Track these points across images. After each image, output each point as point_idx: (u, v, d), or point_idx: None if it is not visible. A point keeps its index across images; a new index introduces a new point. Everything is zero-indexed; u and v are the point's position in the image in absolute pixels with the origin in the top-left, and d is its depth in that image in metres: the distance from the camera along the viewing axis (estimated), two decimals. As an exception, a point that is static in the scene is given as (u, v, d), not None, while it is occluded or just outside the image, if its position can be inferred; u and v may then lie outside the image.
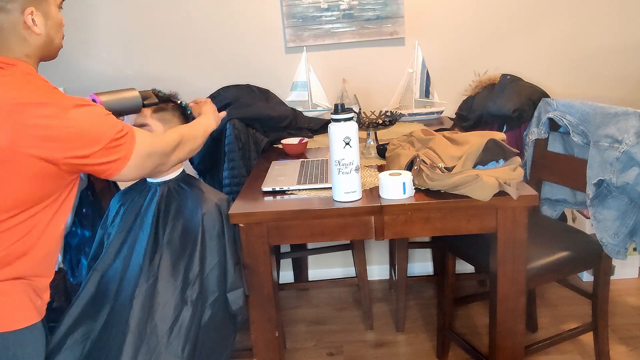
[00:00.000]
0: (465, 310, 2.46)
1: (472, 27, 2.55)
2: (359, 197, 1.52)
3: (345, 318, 2.52)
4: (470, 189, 1.44)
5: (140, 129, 1.30)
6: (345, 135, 1.45)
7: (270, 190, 1.65)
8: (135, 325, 1.35)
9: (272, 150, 2.21)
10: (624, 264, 2.58)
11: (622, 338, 2.19)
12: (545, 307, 2.42)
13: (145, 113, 1.51)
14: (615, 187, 1.72)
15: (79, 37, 2.57)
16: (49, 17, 1.19)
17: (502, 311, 1.58)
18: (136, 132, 1.22)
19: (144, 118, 1.51)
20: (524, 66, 2.52)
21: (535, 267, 1.75)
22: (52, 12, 1.20)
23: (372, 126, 1.96)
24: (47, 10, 1.19)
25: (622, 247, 1.79)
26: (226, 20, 2.55)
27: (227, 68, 2.59)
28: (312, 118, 2.41)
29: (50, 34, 1.20)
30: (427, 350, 2.22)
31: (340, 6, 2.51)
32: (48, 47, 1.22)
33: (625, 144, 1.67)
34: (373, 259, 2.81)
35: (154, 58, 2.59)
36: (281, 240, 1.58)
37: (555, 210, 2.18)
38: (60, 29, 1.24)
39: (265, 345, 1.62)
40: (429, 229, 1.53)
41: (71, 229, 2.06)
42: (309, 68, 2.44)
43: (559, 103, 1.98)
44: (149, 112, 1.52)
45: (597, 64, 2.58)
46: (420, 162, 1.56)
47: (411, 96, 2.49)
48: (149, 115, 1.52)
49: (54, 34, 1.22)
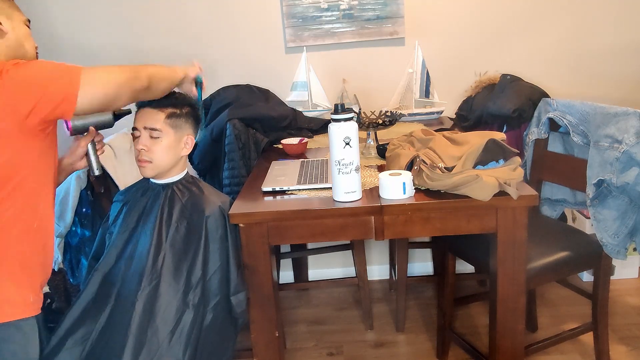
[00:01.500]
0: (465, 310, 2.46)
1: (472, 27, 2.55)
2: (359, 197, 1.52)
3: (345, 318, 2.52)
4: (471, 189, 1.44)
5: (89, 68, 1.26)
6: (345, 135, 1.45)
7: (270, 190, 1.65)
8: (136, 327, 1.35)
9: (272, 150, 2.21)
10: (624, 264, 2.58)
11: (622, 338, 2.19)
12: (545, 307, 2.42)
13: (158, 117, 1.48)
14: (615, 187, 1.72)
15: (79, 38, 2.57)
16: (12, 18, 1.26)
17: (502, 311, 1.58)
18: (82, 71, 1.21)
19: (156, 122, 1.48)
20: (524, 66, 2.52)
21: (535, 267, 1.75)
22: (15, 15, 1.27)
23: (372, 126, 1.96)
24: (10, 13, 1.26)
25: (622, 247, 1.79)
26: (226, 20, 2.55)
27: (227, 68, 2.59)
28: (312, 118, 2.41)
29: (19, 37, 1.26)
30: (427, 350, 2.22)
31: (340, 6, 2.51)
32: (19, 49, 1.27)
33: (625, 144, 1.67)
34: (373, 259, 2.81)
35: (154, 58, 2.59)
36: (281, 240, 1.58)
37: (555, 210, 2.18)
38: (29, 37, 1.31)
39: (265, 345, 1.62)
40: (429, 229, 1.53)
41: (71, 229, 2.06)
42: (309, 68, 2.44)
43: (559, 103, 1.98)
44: (162, 117, 1.49)
45: (597, 64, 2.58)
46: (420, 162, 1.56)
47: (411, 96, 2.49)
48: (161, 120, 1.48)
49: (23, 39, 1.28)
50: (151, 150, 1.49)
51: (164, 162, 1.51)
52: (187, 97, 1.57)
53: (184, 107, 1.54)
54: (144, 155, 1.50)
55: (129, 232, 1.52)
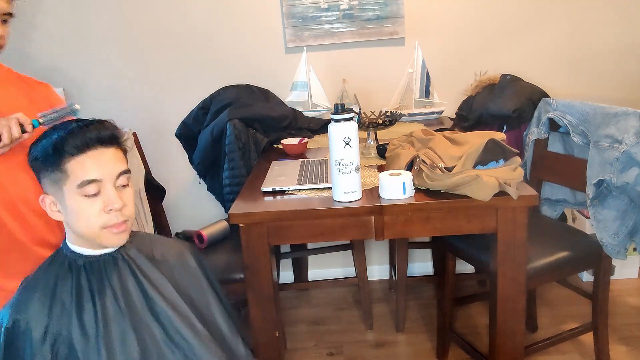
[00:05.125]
0: (465, 310, 2.46)
1: (472, 27, 2.55)
2: (359, 197, 1.52)
3: (345, 318, 2.52)
4: (471, 189, 1.44)
5: None
6: (345, 135, 1.45)
7: (270, 190, 1.65)
8: None
9: (272, 150, 2.21)
10: (624, 264, 2.58)
11: (622, 338, 2.19)
12: (545, 307, 2.42)
13: (121, 156, 1.16)
14: (615, 187, 1.72)
15: (79, 38, 2.57)
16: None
17: (502, 311, 1.58)
18: None
19: (123, 163, 1.16)
20: (524, 66, 2.52)
21: (535, 267, 1.75)
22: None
23: (372, 126, 1.96)
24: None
25: (622, 247, 1.79)
26: (226, 20, 2.55)
27: (227, 68, 2.59)
28: (312, 118, 2.41)
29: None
30: (427, 350, 2.22)
31: (340, 6, 2.51)
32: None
33: (625, 144, 1.67)
34: (373, 259, 2.81)
35: (153, 58, 2.59)
36: (281, 240, 1.58)
37: (555, 210, 2.18)
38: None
39: (265, 345, 1.62)
40: (429, 229, 1.53)
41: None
42: (309, 68, 2.44)
43: (559, 103, 1.98)
44: (122, 154, 1.17)
45: (597, 64, 2.57)
46: (420, 162, 1.56)
47: (411, 96, 2.49)
48: (125, 159, 1.17)
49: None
50: (127, 205, 1.14)
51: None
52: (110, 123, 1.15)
53: (121, 132, 1.17)
54: (125, 213, 1.13)
55: (108, 339, 1.11)
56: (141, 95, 2.63)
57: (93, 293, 1.14)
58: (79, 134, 1.08)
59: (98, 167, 1.09)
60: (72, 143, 1.07)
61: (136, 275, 1.19)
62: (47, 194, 1.14)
